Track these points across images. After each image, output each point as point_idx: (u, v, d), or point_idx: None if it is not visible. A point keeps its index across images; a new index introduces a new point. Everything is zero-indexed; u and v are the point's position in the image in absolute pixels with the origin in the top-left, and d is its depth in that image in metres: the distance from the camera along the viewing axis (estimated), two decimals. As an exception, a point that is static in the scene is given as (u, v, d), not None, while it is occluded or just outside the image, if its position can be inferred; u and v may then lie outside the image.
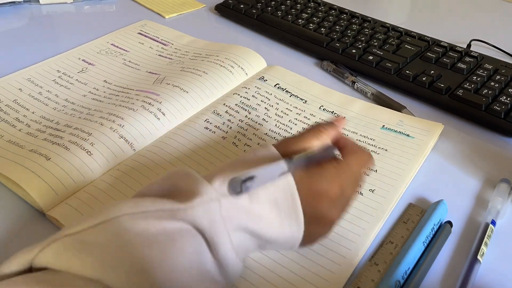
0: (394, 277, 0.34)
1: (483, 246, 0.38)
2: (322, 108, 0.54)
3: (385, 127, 0.51)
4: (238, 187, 0.29)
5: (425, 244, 0.38)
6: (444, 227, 0.40)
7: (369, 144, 0.49)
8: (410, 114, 0.53)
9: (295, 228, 0.32)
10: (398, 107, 0.54)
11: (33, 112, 0.51)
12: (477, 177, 0.46)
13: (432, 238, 0.39)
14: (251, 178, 0.29)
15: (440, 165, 0.48)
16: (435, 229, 0.39)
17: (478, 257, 0.37)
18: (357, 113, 0.53)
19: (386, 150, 0.48)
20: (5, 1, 0.74)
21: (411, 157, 0.47)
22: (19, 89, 0.55)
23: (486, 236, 0.39)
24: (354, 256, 0.37)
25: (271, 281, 0.35)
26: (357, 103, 0.55)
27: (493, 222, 0.40)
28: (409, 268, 0.36)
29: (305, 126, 0.51)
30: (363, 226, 0.40)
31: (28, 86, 0.56)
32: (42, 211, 0.40)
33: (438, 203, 0.41)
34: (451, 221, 0.40)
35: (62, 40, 0.65)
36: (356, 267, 0.37)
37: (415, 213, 0.41)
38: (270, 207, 0.31)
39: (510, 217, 0.42)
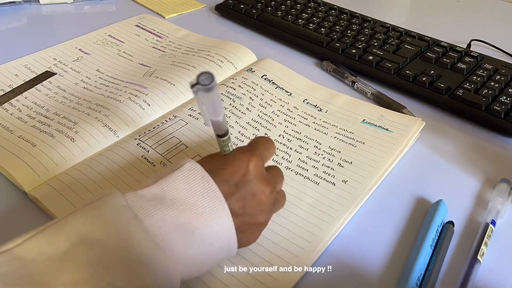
0: (408, 286, 0.34)
1: (483, 246, 0.38)
2: (305, 101, 0.55)
3: (365, 121, 0.52)
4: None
5: (432, 247, 0.38)
6: (448, 229, 0.39)
7: (347, 137, 0.50)
8: (411, 114, 0.53)
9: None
10: (398, 107, 0.54)
11: (25, 98, 0.53)
12: (477, 177, 0.46)
13: (437, 240, 0.39)
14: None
15: (439, 165, 0.48)
16: (439, 231, 0.39)
17: (478, 257, 0.37)
18: (340, 107, 0.54)
19: (363, 143, 0.49)
20: (5, 1, 0.74)
21: (387, 151, 0.47)
22: (16, 74, 0.57)
23: (486, 236, 0.39)
24: (319, 242, 0.38)
25: (235, 262, 0.36)
26: (341, 97, 0.56)
27: (493, 222, 0.40)
28: (421, 274, 0.36)
29: (287, 118, 0.52)
30: (332, 214, 0.40)
31: (24, 72, 0.57)
32: (24, 191, 0.42)
33: (438, 203, 0.41)
34: (453, 221, 0.40)
35: (62, 40, 0.65)
36: (322, 253, 0.38)
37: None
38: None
39: (510, 217, 0.42)
